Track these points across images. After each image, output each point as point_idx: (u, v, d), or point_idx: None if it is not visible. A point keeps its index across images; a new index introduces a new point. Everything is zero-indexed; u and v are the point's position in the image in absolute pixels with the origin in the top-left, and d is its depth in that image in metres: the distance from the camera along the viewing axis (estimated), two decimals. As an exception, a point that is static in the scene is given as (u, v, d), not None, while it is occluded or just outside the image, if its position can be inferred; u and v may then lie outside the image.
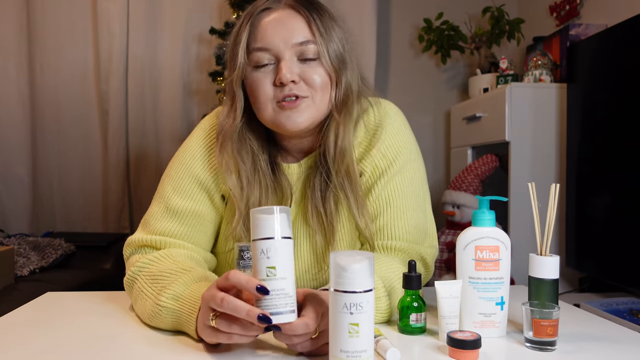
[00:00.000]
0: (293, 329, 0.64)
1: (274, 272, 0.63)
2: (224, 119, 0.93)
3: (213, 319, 0.66)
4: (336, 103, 0.90)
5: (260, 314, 0.61)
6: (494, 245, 0.77)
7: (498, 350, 0.73)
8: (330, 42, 0.88)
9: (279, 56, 0.87)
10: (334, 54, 0.88)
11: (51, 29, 2.80)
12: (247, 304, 0.63)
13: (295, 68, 0.86)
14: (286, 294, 0.63)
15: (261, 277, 0.63)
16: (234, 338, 0.66)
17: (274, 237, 0.63)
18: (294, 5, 0.88)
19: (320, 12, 0.89)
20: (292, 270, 0.65)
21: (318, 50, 0.87)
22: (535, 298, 0.78)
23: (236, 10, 2.45)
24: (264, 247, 0.63)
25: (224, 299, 0.63)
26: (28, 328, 0.82)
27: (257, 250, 0.64)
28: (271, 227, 0.64)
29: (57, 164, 2.86)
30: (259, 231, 0.64)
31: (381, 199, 0.95)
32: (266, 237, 0.63)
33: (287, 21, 0.87)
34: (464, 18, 2.85)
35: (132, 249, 0.93)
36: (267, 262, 0.63)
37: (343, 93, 0.90)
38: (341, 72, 0.89)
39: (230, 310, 0.63)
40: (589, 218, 1.92)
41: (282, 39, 0.86)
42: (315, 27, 0.87)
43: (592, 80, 1.94)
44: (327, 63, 0.87)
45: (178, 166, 0.97)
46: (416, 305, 0.79)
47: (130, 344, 0.75)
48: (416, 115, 2.89)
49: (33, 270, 2.00)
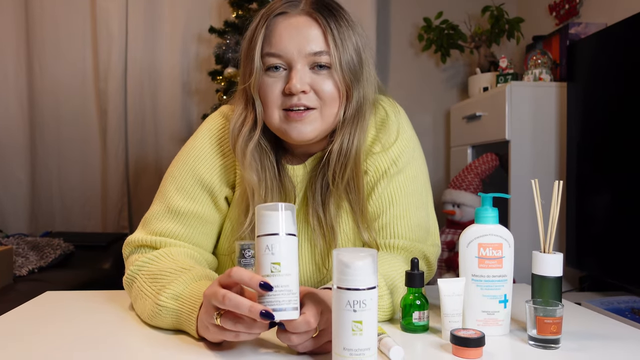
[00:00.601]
0: (295, 327, 0.63)
1: (279, 268, 0.62)
2: (236, 120, 0.91)
3: (217, 318, 0.65)
4: (348, 115, 0.88)
5: (263, 310, 0.61)
6: (497, 243, 0.77)
7: (501, 348, 0.73)
8: (345, 53, 0.86)
9: (291, 64, 0.85)
10: (347, 67, 0.86)
11: (50, 28, 2.79)
12: (249, 301, 0.62)
13: (307, 77, 0.85)
14: (289, 291, 0.63)
15: (265, 272, 0.63)
16: (240, 336, 0.65)
17: (278, 234, 0.63)
18: (312, 12, 0.86)
19: (338, 19, 0.87)
20: (296, 267, 0.64)
21: (331, 61, 0.85)
22: (539, 296, 0.78)
23: (236, 9, 2.45)
24: (269, 242, 0.63)
25: (225, 296, 0.63)
26: (27, 327, 0.81)
27: (261, 246, 0.63)
28: (276, 224, 0.63)
29: (56, 164, 2.85)
30: (264, 227, 0.64)
31: (384, 197, 0.94)
32: (271, 233, 0.63)
33: (303, 29, 0.85)
34: (463, 17, 2.85)
35: (131, 248, 0.92)
36: (272, 257, 0.63)
37: (355, 105, 0.88)
38: (353, 85, 0.87)
39: (232, 307, 0.62)
40: (589, 217, 1.92)
41: (296, 47, 0.85)
42: (330, 38, 0.85)
43: (592, 79, 1.94)
44: (339, 76, 0.85)
45: (182, 166, 0.95)
46: (419, 303, 0.78)
47: (129, 343, 0.74)
48: (416, 114, 2.89)
49: (32, 270, 2.00)
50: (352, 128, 0.89)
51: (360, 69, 0.88)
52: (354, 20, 0.90)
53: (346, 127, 0.89)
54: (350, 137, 0.89)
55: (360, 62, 0.88)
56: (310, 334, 0.65)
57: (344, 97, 0.87)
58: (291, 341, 0.65)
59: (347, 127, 0.89)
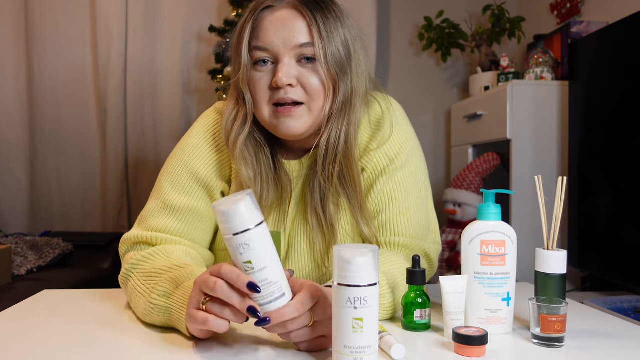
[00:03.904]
0: (282, 315, 0.62)
1: (251, 266, 0.61)
2: (229, 115, 0.91)
3: (205, 303, 0.65)
4: (334, 109, 0.87)
5: (250, 306, 0.61)
6: (500, 240, 0.76)
7: (504, 346, 0.72)
8: (331, 46, 0.85)
9: (277, 57, 0.85)
10: (333, 59, 0.85)
11: (49, 26, 2.78)
12: (239, 296, 0.62)
13: (294, 71, 0.85)
14: (270, 282, 0.61)
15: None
16: (222, 327, 0.64)
17: (243, 230, 0.60)
18: (297, 5, 0.86)
19: (325, 12, 0.86)
20: (271, 255, 0.62)
21: (316, 54, 0.84)
22: (542, 293, 0.77)
23: (236, 8, 2.44)
24: (235, 243, 0.60)
25: (217, 283, 0.62)
26: (25, 324, 0.80)
27: (231, 247, 0.61)
28: (237, 220, 0.60)
29: (55, 163, 2.84)
30: (226, 227, 0.60)
31: (383, 195, 0.93)
32: (236, 232, 0.60)
33: (288, 22, 0.85)
34: (464, 16, 2.84)
35: (127, 245, 0.92)
36: (241, 257, 0.61)
37: (342, 99, 0.87)
38: (339, 77, 0.86)
39: (222, 296, 0.63)
40: (591, 216, 1.91)
41: (282, 40, 0.84)
42: (316, 30, 0.84)
43: (594, 77, 1.93)
44: (324, 68, 0.85)
45: (176, 162, 0.95)
46: (420, 301, 0.77)
47: (127, 340, 0.73)
48: (417, 114, 2.88)
49: (30, 269, 1.99)
50: (340, 121, 0.88)
51: (348, 62, 0.87)
52: (343, 13, 0.89)
53: (333, 120, 0.88)
54: (337, 130, 0.88)
55: (348, 55, 0.87)
56: (302, 323, 0.64)
57: (330, 91, 0.87)
58: (284, 328, 0.63)
59: (335, 120, 0.88)
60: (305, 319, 0.64)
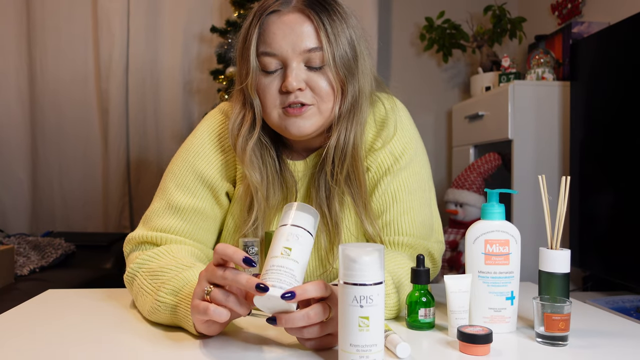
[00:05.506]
0: (293, 321, 0.62)
1: (289, 252, 0.63)
2: (235, 119, 0.91)
3: (209, 292, 0.66)
4: (343, 110, 0.88)
5: (259, 283, 0.61)
6: (504, 239, 0.76)
7: (509, 345, 0.72)
8: (339, 48, 0.85)
9: (286, 62, 0.85)
10: (341, 62, 0.86)
11: (51, 27, 2.79)
12: (247, 274, 0.63)
13: (302, 75, 0.85)
14: (293, 276, 0.62)
15: (274, 254, 0.63)
16: (222, 316, 0.65)
17: (302, 227, 0.64)
18: (304, 9, 0.86)
19: (331, 13, 0.86)
20: (305, 264, 0.64)
21: (325, 57, 0.85)
22: (546, 292, 0.77)
23: (237, 8, 2.44)
24: (289, 231, 0.64)
25: (226, 271, 0.64)
26: (29, 324, 0.80)
27: (282, 232, 0.64)
28: (302, 220, 0.65)
29: (57, 163, 2.84)
30: (289, 218, 0.65)
31: (387, 194, 0.94)
32: (294, 224, 0.64)
33: (296, 27, 0.85)
34: (465, 17, 2.84)
35: (132, 245, 0.92)
36: (286, 243, 0.63)
37: (350, 100, 0.88)
38: (348, 79, 0.87)
39: (232, 281, 0.63)
40: (593, 216, 1.91)
41: (290, 44, 0.84)
42: (323, 34, 0.84)
43: (595, 78, 1.93)
44: (333, 72, 0.85)
45: (181, 163, 0.95)
46: (425, 300, 0.78)
47: (131, 340, 0.74)
48: (418, 114, 2.87)
49: (33, 269, 1.99)
50: (349, 122, 0.89)
51: (355, 63, 0.88)
52: (347, 12, 0.89)
53: (342, 121, 0.89)
54: (347, 132, 0.89)
55: (354, 56, 0.88)
56: (319, 318, 0.64)
57: (339, 92, 0.87)
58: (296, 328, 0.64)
59: (344, 121, 0.89)
60: (322, 314, 0.64)
